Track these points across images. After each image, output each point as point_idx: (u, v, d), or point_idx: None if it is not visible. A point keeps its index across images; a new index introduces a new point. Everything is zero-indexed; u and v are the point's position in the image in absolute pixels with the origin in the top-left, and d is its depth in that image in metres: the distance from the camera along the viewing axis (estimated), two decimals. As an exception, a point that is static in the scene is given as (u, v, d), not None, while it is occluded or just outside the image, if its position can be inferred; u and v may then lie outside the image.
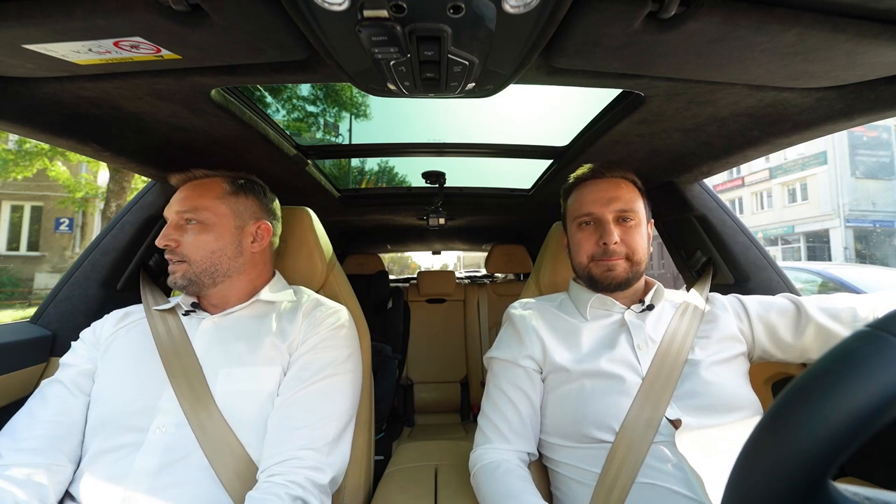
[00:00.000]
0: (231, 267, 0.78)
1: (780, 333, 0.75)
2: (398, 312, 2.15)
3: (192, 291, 0.77)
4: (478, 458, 0.74)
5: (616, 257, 0.76)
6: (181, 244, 0.74)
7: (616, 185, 0.79)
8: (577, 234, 0.81)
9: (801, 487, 0.25)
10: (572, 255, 0.83)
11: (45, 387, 0.71)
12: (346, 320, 0.82)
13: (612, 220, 0.77)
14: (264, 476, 0.62)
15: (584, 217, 0.79)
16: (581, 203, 0.80)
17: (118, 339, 0.76)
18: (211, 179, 0.81)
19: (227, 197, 0.80)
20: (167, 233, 0.75)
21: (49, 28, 0.50)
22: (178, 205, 0.77)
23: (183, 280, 0.75)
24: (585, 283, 0.82)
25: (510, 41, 0.52)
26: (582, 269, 0.81)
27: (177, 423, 0.65)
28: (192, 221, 0.76)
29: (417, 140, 1.32)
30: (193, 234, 0.76)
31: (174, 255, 0.75)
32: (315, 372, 0.72)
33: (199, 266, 0.75)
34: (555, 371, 0.74)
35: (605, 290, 0.79)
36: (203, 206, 0.77)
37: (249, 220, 0.81)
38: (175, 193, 0.80)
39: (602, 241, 0.76)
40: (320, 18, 0.47)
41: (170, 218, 0.77)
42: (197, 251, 0.75)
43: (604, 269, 0.77)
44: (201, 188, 0.79)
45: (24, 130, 0.74)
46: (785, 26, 0.50)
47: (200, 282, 0.75)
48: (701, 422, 0.65)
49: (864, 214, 15.75)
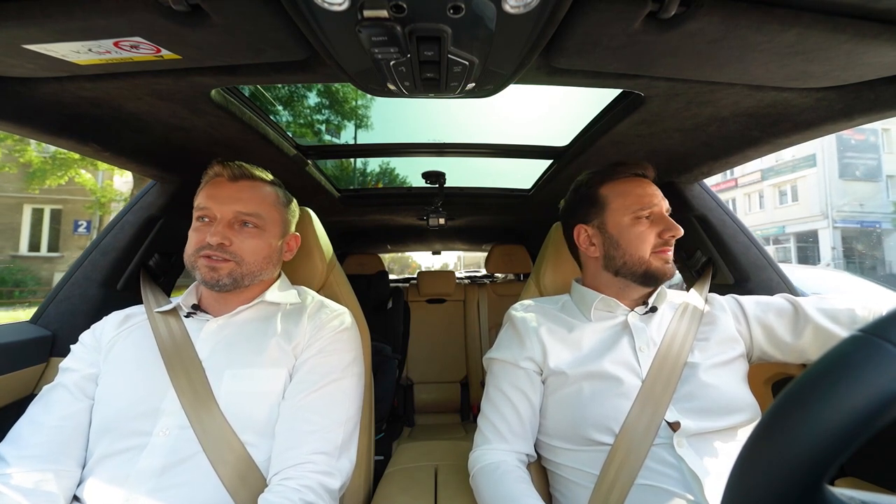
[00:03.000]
0: (268, 273, 0.80)
1: (778, 334, 0.75)
2: (398, 312, 2.15)
3: (228, 289, 0.75)
4: (477, 459, 0.74)
5: (672, 249, 0.77)
6: (234, 244, 0.73)
7: (654, 186, 0.80)
8: (636, 227, 0.77)
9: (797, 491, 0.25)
10: (625, 248, 0.77)
11: (47, 392, 0.70)
12: (350, 323, 0.82)
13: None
14: (278, 478, 0.62)
15: (647, 211, 0.77)
16: (641, 196, 0.78)
17: (120, 342, 0.75)
18: (265, 183, 0.81)
19: (280, 206, 0.82)
20: (222, 231, 0.72)
21: (49, 28, 0.50)
22: (236, 204, 0.74)
23: (228, 278, 0.73)
24: (635, 279, 0.77)
25: (510, 41, 0.52)
26: (641, 262, 0.76)
27: (180, 425, 0.65)
28: (249, 224, 0.75)
29: (417, 140, 1.32)
30: (250, 237, 0.75)
31: (223, 253, 0.73)
32: (323, 375, 0.72)
33: (248, 268, 0.75)
34: (555, 373, 0.74)
35: (655, 283, 0.78)
36: (264, 211, 0.77)
37: (287, 231, 0.84)
38: (219, 186, 0.76)
39: (668, 234, 0.76)
40: (320, 18, 0.47)
41: (221, 215, 0.74)
42: (251, 254, 0.75)
43: (664, 260, 0.76)
44: (261, 192, 0.78)
45: (24, 130, 0.74)
46: (785, 26, 0.50)
47: (242, 282, 0.75)
48: (699, 424, 0.65)
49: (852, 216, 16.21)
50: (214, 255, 0.72)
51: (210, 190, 0.76)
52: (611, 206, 0.79)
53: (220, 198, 0.75)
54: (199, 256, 0.73)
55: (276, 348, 0.73)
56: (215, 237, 0.71)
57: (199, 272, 0.73)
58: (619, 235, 0.78)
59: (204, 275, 0.73)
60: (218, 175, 0.77)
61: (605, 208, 0.80)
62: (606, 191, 0.81)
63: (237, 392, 0.68)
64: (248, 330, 0.76)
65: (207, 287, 0.74)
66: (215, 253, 0.72)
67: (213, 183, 0.77)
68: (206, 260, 0.72)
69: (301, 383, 0.71)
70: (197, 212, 0.76)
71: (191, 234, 0.76)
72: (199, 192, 0.78)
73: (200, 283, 0.75)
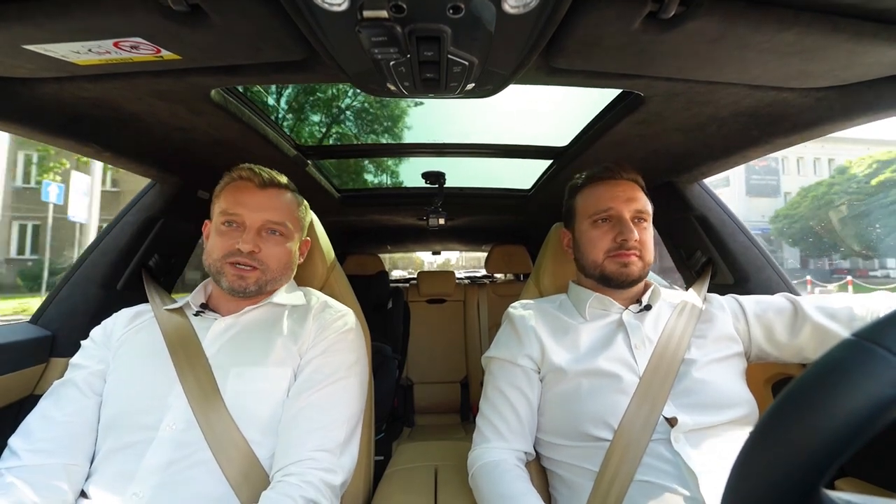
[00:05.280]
0: (287, 277, 0.81)
1: (777, 333, 0.75)
2: (398, 313, 2.15)
3: (253, 295, 0.76)
4: (476, 458, 0.74)
5: (633, 253, 0.76)
6: (262, 251, 0.74)
7: (632, 186, 0.80)
8: (592, 231, 0.80)
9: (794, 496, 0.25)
10: (583, 252, 0.82)
11: (57, 388, 0.71)
12: (354, 323, 0.83)
13: (630, 220, 0.77)
14: (280, 475, 0.63)
15: (602, 214, 0.79)
16: (598, 200, 0.80)
17: (129, 338, 0.76)
18: (288, 191, 0.82)
19: (298, 213, 0.83)
20: (252, 238, 0.73)
21: (49, 28, 0.50)
22: (266, 213, 0.75)
23: (255, 286, 0.74)
24: (596, 281, 0.81)
25: (510, 41, 0.52)
26: (595, 266, 0.79)
27: (186, 420, 0.66)
28: (276, 232, 0.77)
29: (417, 140, 1.32)
30: (276, 245, 0.77)
31: (251, 261, 0.73)
32: (327, 375, 0.72)
33: (273, 275, 0.76)
34: (553, 371, 0.74)
35: (617, 286, 0.79)
36: (290, 219, 0.79)
37: (303, 236, 0.86)
38: (247, 193, 0.76)
39: (621, 238, 0.76)
40: (320, 19, 0.47)
41: (250, 222, 0.74)
42: (277, 262, 0.77)
43: (620, 264, 0.76)
44: (285, 200, 0.80)
45: (25, 131, 0.74)
46: (784, 26, 0.50)
47: (266, 288, 0.77)
48: (696, 420, 0.66)
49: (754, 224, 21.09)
50: (244, 262, 0.73)
51: (237, 195, 0.76)
52: (578, 210, 0.85)
53: (250, 205, 0.75)
54: (226, 263, 0.73)
55: (282, 348, 0.73)
56: (247, 245, 0.72)
57: (225, 279, 0.73)
58: (580, 239, 0.84)
59: (231, 282, 0.73)
60: (247, 180, 0.77)
61: (575, 213, 0.85)
62: (579, 195, 0.85)
63: (243, 390, 0.69)
64: (255, 330, 0.76)
65: (232, 293, 0.75)
66: (245, 260, 0.73)
67: (240, 188, 0.77)
68: (233, 268, 0.73)
69: (305, 382, 0.71)
70: (224, 216, 0.75)
71: (215, 237, 0.76)
72: (221, 194, 0.77)
73: (226, 290, 0.75)
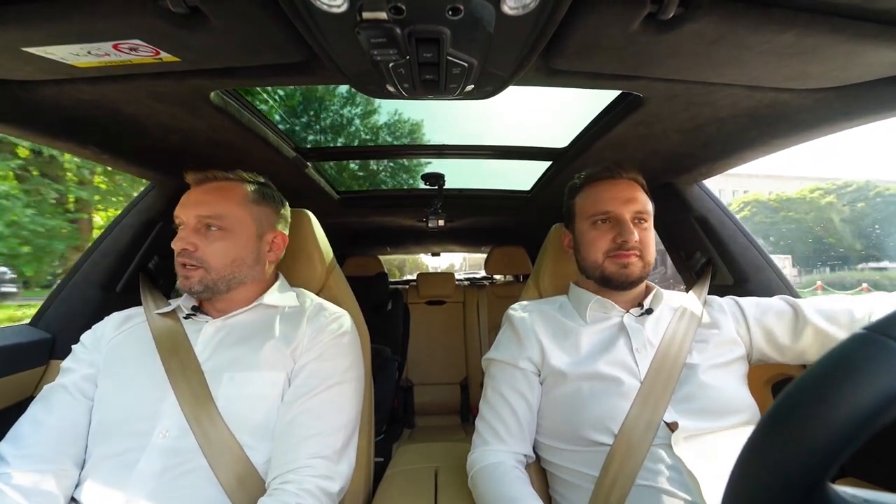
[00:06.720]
0: (248, 275, 0.78)
1: (778, 336, 0.75)
2: (398, 314, 2.15)
3: (204, 297, 0.75)
4: (475, 460, 0.73)
5: (633, 253, 0.75)
6: (200, 249, 0.72)
7: (632, 186, 0.79)
8: (591, 231, 0.79)
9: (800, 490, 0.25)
10: (583, 253, 0.81)
11: (47, 392, 0.70)
12: (350, 326, 0.81)
13: (630, 220, 0.76)
14: (277, 482, 0.62)
15: (602, 215, 0.78)
16: (597, 201, 0.79)
17: (120, 343, 0.75)
18: (232, 183, 0.78)
19: (250, 204, 0.78)
20: (186, 237, 0.72)
21: (48, 31, 0.50)
22: (198, 208, 0.74)
23: (199, 286, 0.73)
24: (596, 282, 0.80)
25: (509, 43, 0.52)
26: (595, 267, 0.79)
27: (179, 427, 0.65)
28: (213, 227, 0.74)
29: (417, 142, 1.32)
30: (215, 240, 0.74)
31: (190, 260, 0.72)
32: (322, 380, 0.71)
33: (218, 273, 0.74)
34: (553, 374, 0.74)
35: (617, 287, 0.78)
36: (227, 212, 0.75)
37: (268, 229, 0.81)
38: (189, 193, 0.76)
39: (620, 239, 0.75)
40: (319, 21, 0.47)
41: (186, 220, 0.74)
42: (218, 258, 0.73)
43: (620, 265, 0.75)
44: (224, 192, 0.76)
45: (24, 133, 0.74)
46: (783, 27, 0.50)
47: (216, 288, 0.74)
48: (698, 425, 0.65)
49: None
50: (184, 261, 0.73)
51: (182, 197, 0.77)
52: (578, 211, 0.84)
53: (186, 203, 0.75)
54: (178, 264, 0.74)
55: (275, 351, 0.72)
56: (178, 244, 0.72)
57: (178, 279, 0.75)
58: (580, 240, 0.83)
59: (180, 282, 0.74)
60: (192, 183, 0.78)
61: (574, 214, 0.84)
62: (578, 196, 0.84)
63: (235, 394, 0.68)
64: (247, 333, 0.75)
65: (188, 294, 0.76)
66: (185, 260, 0.73)
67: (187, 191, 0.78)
68: (182, 268, 0.73)
69: (300, 388, 0.70)
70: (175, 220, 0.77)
71: None
72: None
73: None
